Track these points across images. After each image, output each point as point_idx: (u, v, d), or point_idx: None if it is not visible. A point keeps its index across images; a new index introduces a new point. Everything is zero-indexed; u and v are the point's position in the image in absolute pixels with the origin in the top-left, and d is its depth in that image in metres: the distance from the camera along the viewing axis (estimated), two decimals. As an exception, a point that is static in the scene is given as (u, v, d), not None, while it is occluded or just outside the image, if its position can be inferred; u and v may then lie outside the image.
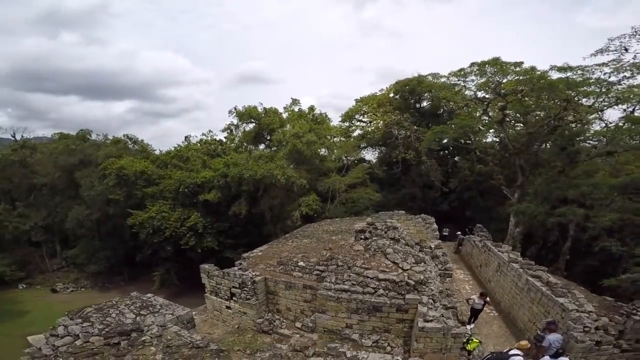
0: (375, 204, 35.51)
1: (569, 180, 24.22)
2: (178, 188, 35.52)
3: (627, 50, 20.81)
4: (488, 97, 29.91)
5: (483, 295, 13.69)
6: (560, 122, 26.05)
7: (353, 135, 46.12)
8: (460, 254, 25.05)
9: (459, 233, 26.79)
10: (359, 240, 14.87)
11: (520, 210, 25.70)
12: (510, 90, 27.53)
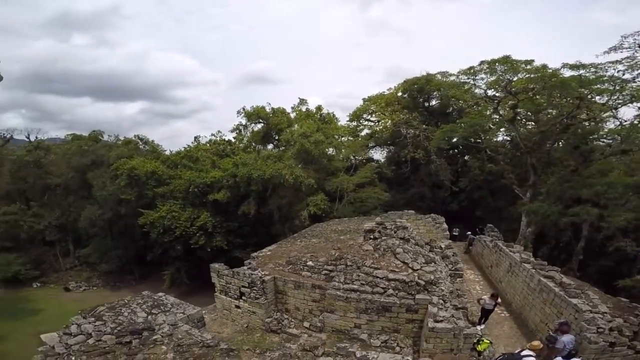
0: (384, 204, 35.35)
1: (583, 180, 23.79)
2: (188, 188, 35.88)
3: None
4: (498, 95, 29.52)
5: (494, 297, 13.52)
6: (573, 120, 25.56)
7: (361, 135, 45.97)
8: (471, 254, 24.78)
9: (469, 233, 26.51)
10: (368, 240, 14.81)
11: (533, 210, 25.31)
12: (521, 89, 27.15)
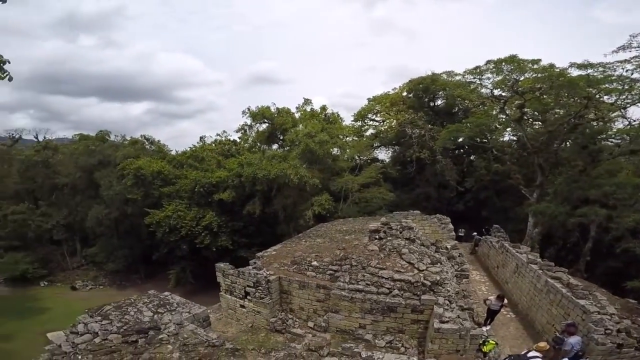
0: (389, 204, 35.25)
1: (591, 180, 23.54)
2: (193, 188, 36.06)
3: None
4: (505, 95, 29.30)
5: (500, 298, 13.41)
6: (581, 120, 25.28)
7: (366, 135, 45.90)
8: (477, 255, 24.62)
9: (475, 234, 26.33)
10: (373, 240, 14.77)
11: (540, 211, 25.08)
12: (528, 88, 26.92)
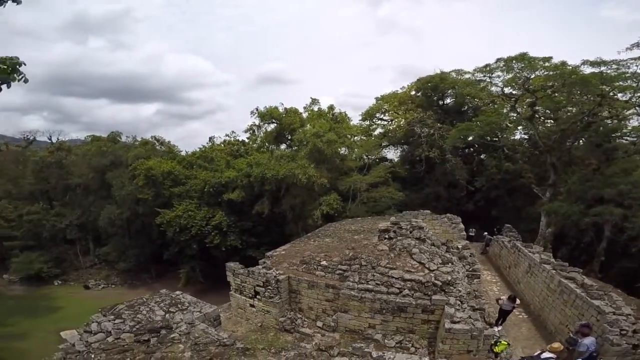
0: (398, 204, 35.04)
1: (605, 179, 23.12)
2: (203, 188, 36.41)
3: None
4: (516, 93, 28.89)
5: (512, 299, 13.23)
6: (595, 118, 24.87)
7: (374, 134, 45.66)
8: (488, 255, 24.35)
9: (486, 233, 26.06)
10: (383, 240, 14.70)
11: (553, 210, 24.71)
12: (540, 86, 26.51)
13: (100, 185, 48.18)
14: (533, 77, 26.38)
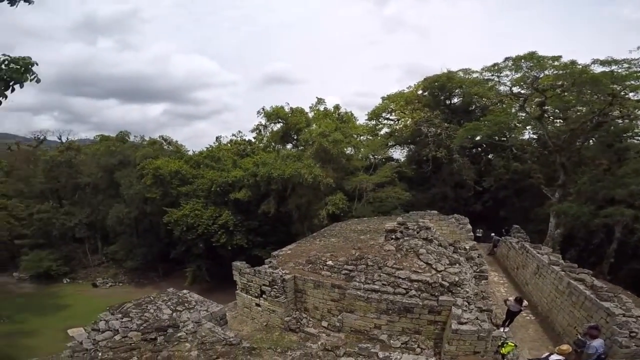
0: (404, 204, 34.88)
1: (616, 179, 22.77)
2: (210, 187, 36.61)
3: None
4: (524, 92, 28.57)
5: (519, 301, 13.07)
6: (605, 117, 24.50)
7: (380, 134, 45.52)
8: (495, 256, 24.12)
9: (493, 234, 25.81)
10: (390, 240, 14.64)
11: (562, 211, 24.40)
12: (549, 85, 26.20)
13: (109, 185, 48.70)
14: (542, 76, 26.08)
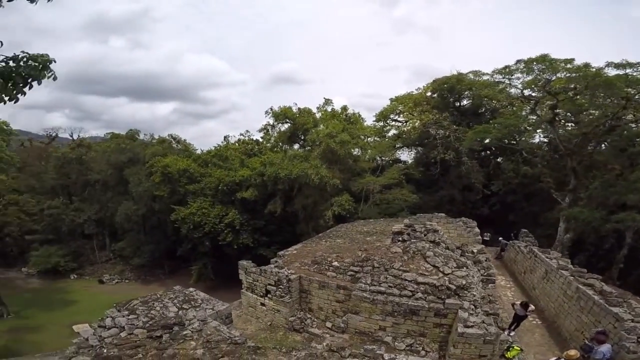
0: (411, 206, 34.67)
1: (629, 184, 22.37)
2: (217, 186, 36.77)
3: None
4: (535, 95, 28.22)
5: (524, 306, 12.91)
6: (619, 121, 24.10)
7: (388, 135, 45.33)
8: (502, 260, 23.85)
9: (501, 238, 25.53)
10: (397, 242, 14.55)
11: (573, 216, 24.04)
12: (561, 88, 25.84)
13: (118, 182, 49.23)
14: (554, 79, 25.74)
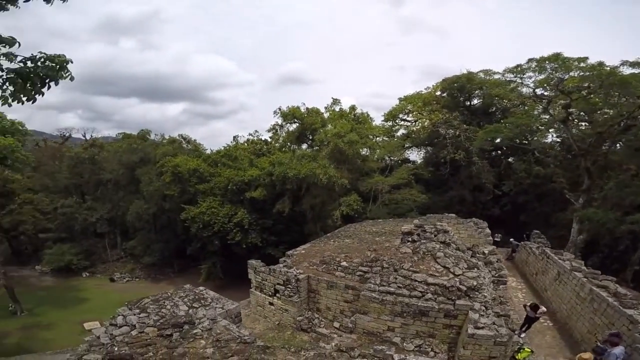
0: (420, 206, 34.41)
1: (645, 185, 21.83)
2: (227, 185, 37.03)
3: None
4: (548, 94, 27.74)
5: (534, 308, 12.70)
6: (634, 121, 23.53)
7: (397, 135, 45.06)
8: (513, 261, 23.51)
9: (512, 239, 25.16)
10: (406, 243, 14.48)
11: (587, 217, 23.60)
12: (574, 87, 25.37)
13: (130, 181, 49.88)
14: (567, 78, 25.29)
